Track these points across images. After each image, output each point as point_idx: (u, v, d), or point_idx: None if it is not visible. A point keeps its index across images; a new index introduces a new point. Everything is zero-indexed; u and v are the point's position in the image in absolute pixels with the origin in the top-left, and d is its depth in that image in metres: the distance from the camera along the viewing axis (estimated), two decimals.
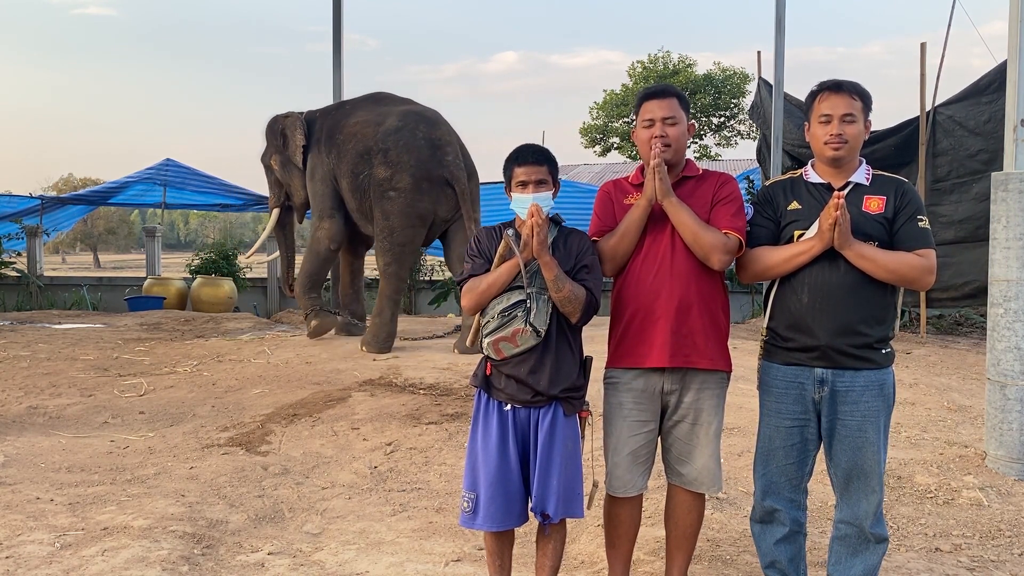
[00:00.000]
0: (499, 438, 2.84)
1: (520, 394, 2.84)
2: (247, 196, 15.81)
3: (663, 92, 3.01)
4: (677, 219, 2.87)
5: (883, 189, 2.84)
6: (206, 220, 51.82)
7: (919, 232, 2.79)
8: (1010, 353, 4.48)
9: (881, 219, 2.79)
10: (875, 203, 2.81)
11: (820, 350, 2.80)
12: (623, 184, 3.09)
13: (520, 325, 2.78)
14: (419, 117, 8.14)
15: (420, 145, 7.84)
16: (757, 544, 3.05)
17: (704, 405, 2.96)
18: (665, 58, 34.38)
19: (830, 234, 2.72)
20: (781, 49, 10.86)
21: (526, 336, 2.79)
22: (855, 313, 2.77)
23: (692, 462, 2.97)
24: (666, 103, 2.97)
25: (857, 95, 2.85)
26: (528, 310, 2.78)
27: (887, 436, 2.87)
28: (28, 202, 15.51)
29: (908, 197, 2.83)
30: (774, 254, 2.87)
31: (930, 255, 2.78)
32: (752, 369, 3.15)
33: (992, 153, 8.94)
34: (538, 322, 2.79)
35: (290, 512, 4.07)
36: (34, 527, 3.70)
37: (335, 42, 12.10)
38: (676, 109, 2.97)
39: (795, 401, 2.87)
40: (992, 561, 3.56)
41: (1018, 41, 4.62)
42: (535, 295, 2.80)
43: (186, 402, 6.24)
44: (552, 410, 2.84)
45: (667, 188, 2.87)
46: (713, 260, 2.86)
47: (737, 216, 2.92)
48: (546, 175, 2.91)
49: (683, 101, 3.00)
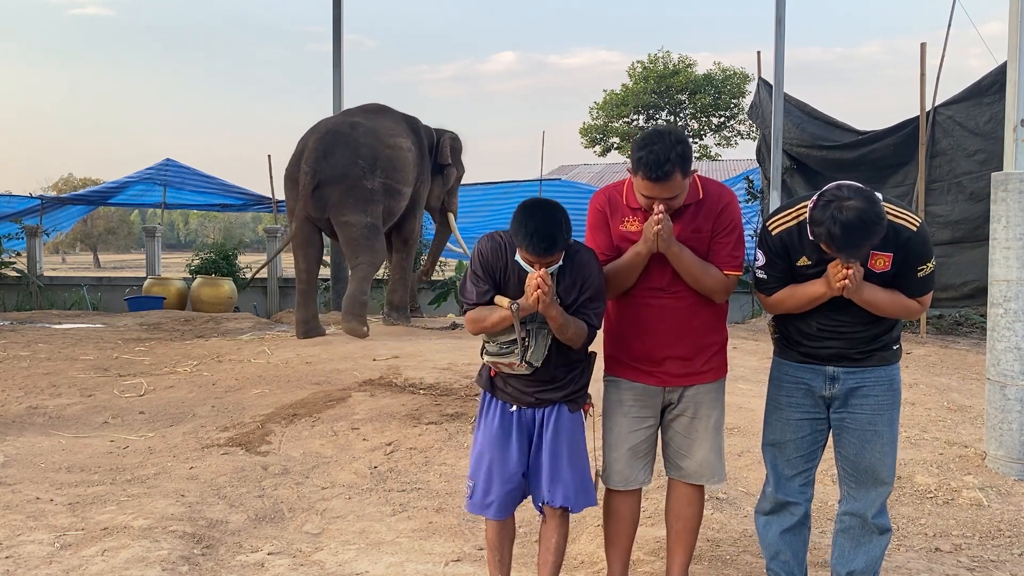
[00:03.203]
0: (502, 431, 2.89)
1: (524, 397, 2.88)
2: (247, 196, 15.83)
3: (665, 175, 2.68)
4: (678, 264, 2.81)
5: (890, 244, 2.69)
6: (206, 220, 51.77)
7: (918, 283, 2.79)
8: (1010, 353, 4.48)
9: (887, 276, 2.76)
10: (881, 261, 2.73)
11: (830, 354, 2.86)
12: (618, 203, 2.92)
13: (516, 360, 2.79)
14: (320, 126, 9.07)
15: (297, 151, 9.00)
16: (761, 537, 3.06)
17: (704, 400, 2.98)
18: (665, 58, 34.39)
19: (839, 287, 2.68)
20: (781, 49, 10.85)
21: (521, 368, 2.81)
22: (865, 330, 2.83)
23: (691, 456, 2.99)
24: (667, 186, 2.71)
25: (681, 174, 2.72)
26: (525, 348, 2.77)
27: (896, 430, 2.91)
28: (28, 202, 15.53)
29: (913, 252, 2.73)
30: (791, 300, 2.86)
31: (926, 300, 2.84)
32: (752, 369, 3.17)
33: (992, 153, 8.94)
34: (534, 357, 2.79)
35: (290, 512, 4.07)
36: (34, 527, 3.70)
37: (335, 42, 12.11)
38: (677, 186, 2.73)
39: (805, 395, 2.91)
40: (992, 561, 3.56)
41: (1018, 41, 4.62)
42: (534, 331, 2.79)
43: (186, 402, 6.24)
44: (557, 409, 2.88)
45: (669, 242, 2.76)
46: (714, 299, 2.90)
47: (737, 248, 2.90)
48: (558, 257, 2.74)
49: (685, 167, 2.71)
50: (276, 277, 14.32)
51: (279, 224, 15.46)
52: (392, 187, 8.99)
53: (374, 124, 9.11)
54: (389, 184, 8.94)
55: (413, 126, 9.55)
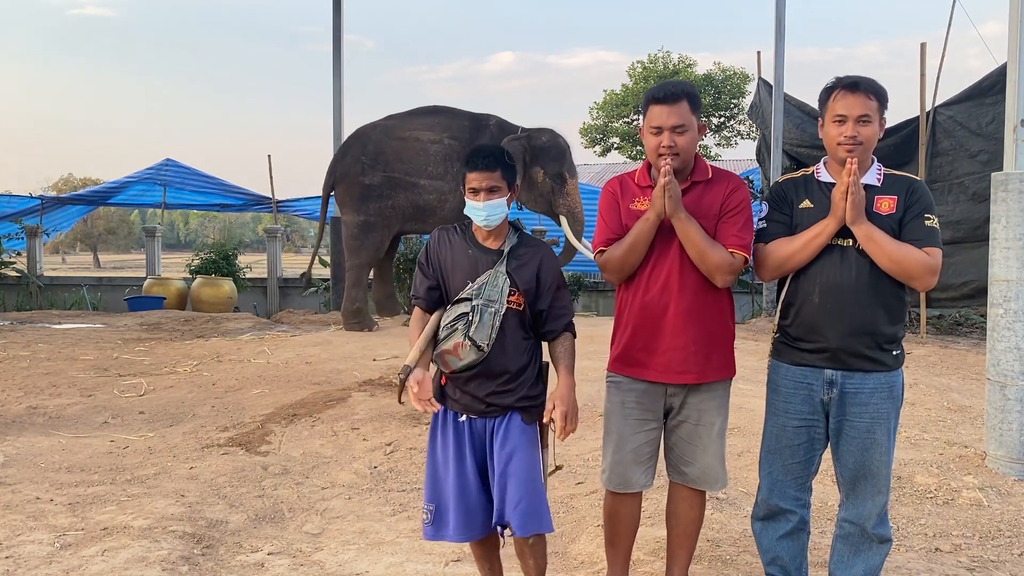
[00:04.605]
0: (456, 449, 2.78)
1: (474, 404, 2.76)
2: (247, 196, 15.84)
3: (672, 96, 2.80)
4: (684, 235, 2.79)
5: (894, 189, 2.81)
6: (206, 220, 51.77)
7: (926, 230, 2.75)
8: (1010, 353, 4.48)
9: (892, 220, 2.76)
10: (886, 204, 2.77)
11: (831, 352, 2.78)
12: (629, 184, 2.97)
13: (459, 339, 2.70)
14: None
15: None
16: (758, 541, 3.04)
17: (707, 406, 2.92)
18: (665, 58, 34.38)
19: (843, 204, 2.68)
20: (781, 49, 10.86)
21: (466, 350, 2.70)
22: (867, 314, 2.75)
23: (695, 462, 2.96)
24: (675, 109, 2.79)
25: (873, 94, 2.78)
26: (469, 323, 2.69)
27: (895, 438, 2.87)
28: (28, 202, 15.53)
29: (918, 195, 2.79)
30: (790, 244, 2.82)
31: (935, 254, 2.75)
32: (752, 369, 3.15)
33: (995, 154, 8.94)
34: (479, 336, 2.69)
35: (290, 512, 4.07)
36: (34, 527, 3.70)
37: (335, 42, 12.11)
38: (686, 115, 2.80)
39: (803, 401, 2.85)
40: (992, 561, 3.55)
41: (1018, 41, 4.62)
42: (480, 308, 2.70)
43: (186, 402, 6.24)
44: (507, 419, 2.75)
45: (676, 204, 2.76)
46: (717, 279, 2.82)
47: (744, 230, 2.85)
48: (499, 181, 2.75)
49: (694, 101, 2.81)
50: (276, 277, 14.33)
51: (279, 224, 15.48)
52: (399, 179, 8.82)
53: (400, 122, 9.03)
54: (394, 177, 8.79)
55: (478, 123, 9.09)
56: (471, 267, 2.78)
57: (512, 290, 2.75)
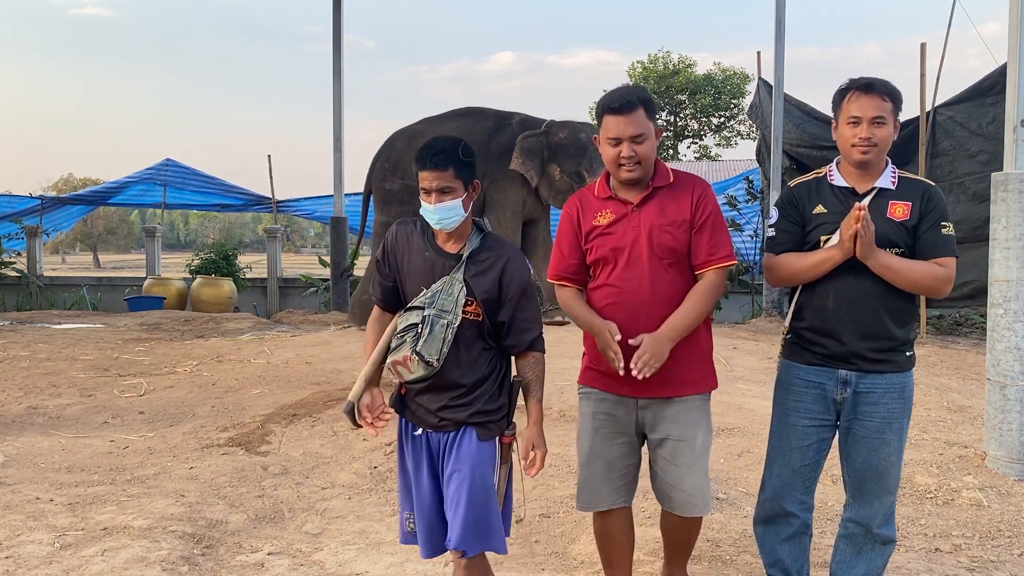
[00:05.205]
0: (414, 463, 2.63)
1: (427, 418, 2.58)
2: (247, 196, 15.84)
3: (628, 104, 2.66)
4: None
5: (909, 194, 2.77)
6: (206, 220, 51.77)
7: (942, 240, 2.73)
8: (1010, 353, 4.48)
9: (906, 226, 2.74)
10: (900, 209, 2.74)
11: (847, 354, 2.76)
12: (589, 199, 2.82)
13: (407, 352, 2.50)
14: None
15: None
16: (760, 545, 3.02)
17: (685, 419, 2.76)
18: (665, 58, 34.38)
19: (851, 244, 2.66)
20: (781, 49, 10.86)
21: (415, 364, 2.49)
22: (880, 318, 2.74)
23: (681, 486, 2.79)
24: (632, 119, 2.65)
25: (888, 96, 2.76)
26: (418, 336, 2.48)
27: (904, 439, 2.85)
28: (28, 202, 15.53)
29: (933, 203, 2.76)
30: (799, 262, 2.79)
31: (950, 264, 2.73)
32: (752, 369, 3.15)
33: (995, 155, 8.93)
34: (426, 351, 2.47)
35: (290, 512, 4.07)
36: (34, 527, 3.70)
37: (335, 42, 12.11)
38: (643, 123, 2.66)
39: (815, 400, 2.82)
40: (992, 561, 3.56)
41: (1018, 41, 4.62)
42: (431, 319, 2.48)
43: (186, 402, 6.24)
44: (461, 435, 2.55)
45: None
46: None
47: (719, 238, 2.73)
48: (451, 181, 2.51)
49: (649, 107, 2.69)
50: (276, 277, 14.33)
51: (279, 224, 15.49)
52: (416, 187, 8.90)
53: (426, 127, 9.09)
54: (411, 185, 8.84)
55: (500, 123, 8.94)
56: (427, 272, 2.57)
57: (469, 299, 2.51)
